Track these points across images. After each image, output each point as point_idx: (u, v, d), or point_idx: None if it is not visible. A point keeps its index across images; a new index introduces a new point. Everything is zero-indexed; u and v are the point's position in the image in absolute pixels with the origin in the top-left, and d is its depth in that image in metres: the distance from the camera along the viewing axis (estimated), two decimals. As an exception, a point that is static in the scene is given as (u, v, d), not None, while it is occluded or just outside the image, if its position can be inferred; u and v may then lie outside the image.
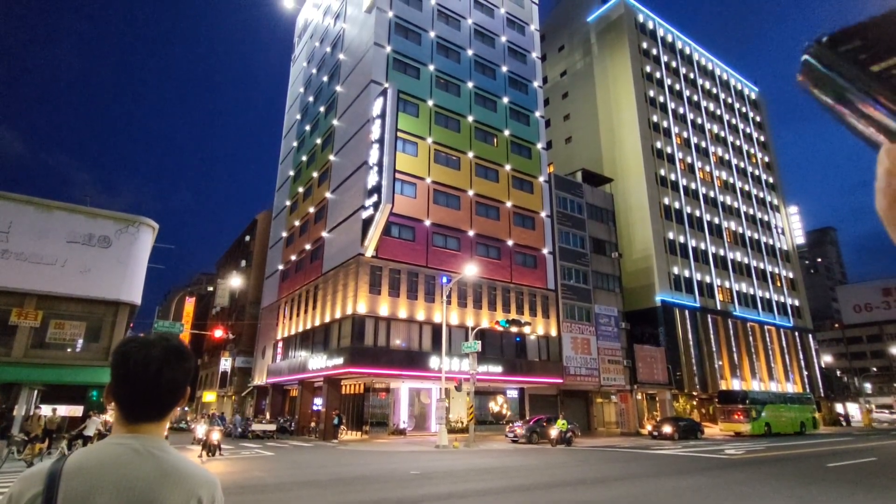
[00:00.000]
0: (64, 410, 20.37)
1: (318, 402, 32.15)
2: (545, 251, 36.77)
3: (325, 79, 42.03)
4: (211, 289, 63.98)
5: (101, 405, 21.12)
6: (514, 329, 28.79)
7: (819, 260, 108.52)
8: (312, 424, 31.48)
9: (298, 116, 47.56)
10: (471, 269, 27.93)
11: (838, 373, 75.62)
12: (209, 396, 53.52)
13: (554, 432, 24.47)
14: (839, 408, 52.48)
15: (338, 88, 38.36)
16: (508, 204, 35.82)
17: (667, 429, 29.65)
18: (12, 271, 20.08)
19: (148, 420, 1.27)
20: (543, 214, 37.59)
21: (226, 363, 50.25)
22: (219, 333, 32.75)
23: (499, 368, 31.34)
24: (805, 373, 53.82)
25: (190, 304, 63.17)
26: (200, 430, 23.13)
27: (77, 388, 20.66)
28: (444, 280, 29.55)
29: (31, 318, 20.24)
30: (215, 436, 18.27)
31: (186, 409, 65.53)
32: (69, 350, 21.18)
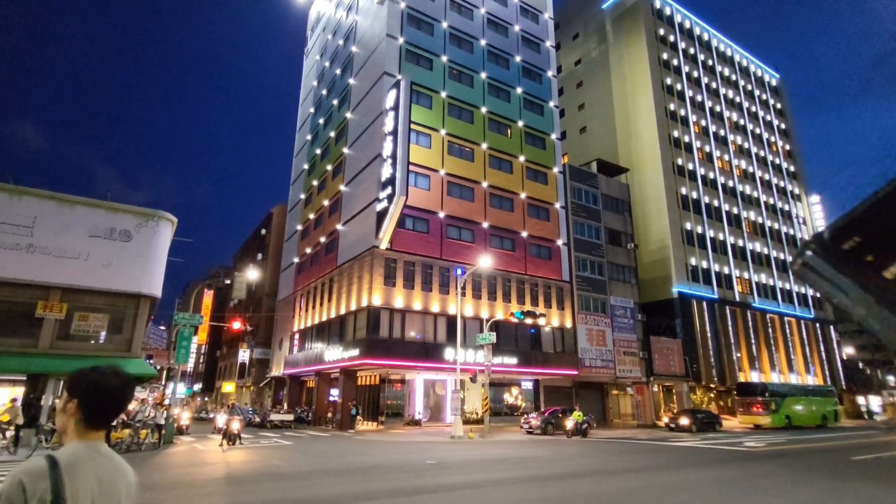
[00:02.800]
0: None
1: (335, 393, 32.53)
2: (560, 242, 36.50)
3: (338, 71, 42.03)
4: (228, 282, 64.86)
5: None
6: (528, 321, 28.75)
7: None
8: (329, 415, 31.87)
9: (312, 110, 47.70)
10: (485, 261, 27.86)
11: (860, 365, 73.97)
12: (228, 387, 54.59)
13: (569, 423, 24.43)
14: (861, 400, 51.35)
15: (351, 81, 38.34)
16: (522, 195, 35.57)
17: (684, 421, 29.40)
18: (37, 265, 20.58)
19: (100, 429, 1.69)
20: (558, 205, 37.27)
21: (244, 354, 51.11)
22: (237, 325, 33.20)
23: (513, 360, 31.34)
24: (826, 365, 52.80)
25: (208, 297, 64.32)
26: (221, 419, 23.63)
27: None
28: (459, 272, 29.53)
29: (56, 311, 20.75)
30: (235, 425, 18.64)
31: (207, 399, 66.95)
32: (93, 342, 21.71)
